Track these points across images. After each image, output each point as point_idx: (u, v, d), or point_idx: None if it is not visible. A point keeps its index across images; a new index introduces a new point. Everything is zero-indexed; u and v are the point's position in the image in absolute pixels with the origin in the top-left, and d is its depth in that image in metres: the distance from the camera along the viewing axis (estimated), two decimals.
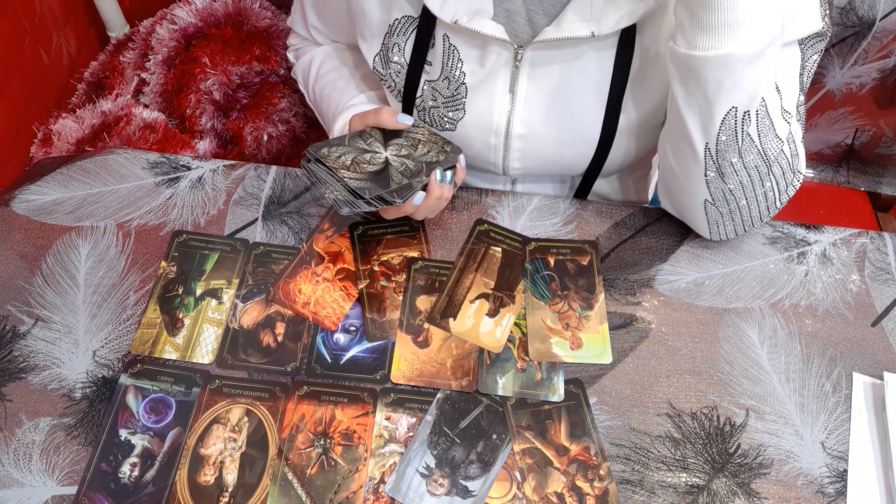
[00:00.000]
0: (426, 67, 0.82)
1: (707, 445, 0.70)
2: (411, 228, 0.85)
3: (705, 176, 0.74)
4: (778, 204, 0.77)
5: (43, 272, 0.80)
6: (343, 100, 0.91)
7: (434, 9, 0.75)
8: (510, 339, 0.76)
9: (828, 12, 0.75)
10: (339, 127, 0.90)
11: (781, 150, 0.73)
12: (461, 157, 0.80)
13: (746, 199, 0.75)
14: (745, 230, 0.81)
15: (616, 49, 0.76)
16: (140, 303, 0.78)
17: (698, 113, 0.70)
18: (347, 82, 0.94)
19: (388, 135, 0.79)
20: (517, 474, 0.68)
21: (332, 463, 0.68)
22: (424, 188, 0.76)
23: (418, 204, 0.76)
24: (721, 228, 0.80)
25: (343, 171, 0.74)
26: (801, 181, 0.77)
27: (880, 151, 1.22)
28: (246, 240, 0.83)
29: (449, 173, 0.78)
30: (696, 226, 0.82)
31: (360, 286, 0.80)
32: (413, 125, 0.81)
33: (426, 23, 0.79)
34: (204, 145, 1.18)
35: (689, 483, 0.68)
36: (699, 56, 0.66)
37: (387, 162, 0.76)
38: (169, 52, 1.20)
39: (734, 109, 0.68)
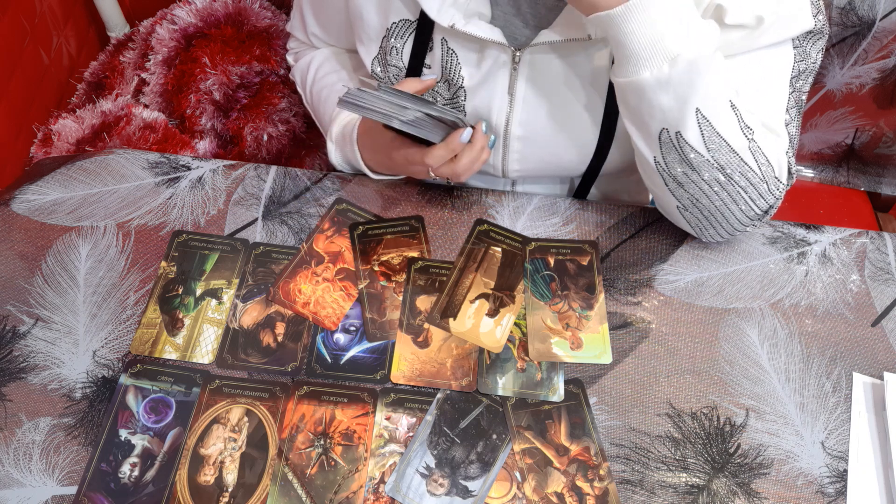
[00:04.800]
0: (425, 71, 0.82)
1: (707, 445, 0.70)
2: (411, 228, 0.85)
3: (667, 185, 0.75)
4: (756, 211, 0.76)
5: (43, 272, 0.80)
6: None
7: (431, 13, 0.75)
8: (510, 339, 0.76)
9: (822, 9, 0.75)
10: (336, 130, 0.90)
11: (742, 162, 0.72)
12: None
13: (715, 206, 0.75)
14: (731, 234, 0.80)
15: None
16: (140, 303, 0.78)
17: (637, 131, 0.73)
18: (346, 84, 0.94)
19: None
20: (517, 474, 0.68)
21: (332, 463, 0.68)
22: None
23: (466, 140, 0.76)
24: (705, 232, 0.80)
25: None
26: (782, 189, 0.76)
27: (880, 151, 1.22)
28: (246, 240, 0.83)
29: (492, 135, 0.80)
30: (684, 228, 0.82)
31: (360, 286, 0.80)
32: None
33: (424, 26, 0.79)
34: (204, 145, 1.18)
35: (689, 483, 0.68)
36: (619, 81, 0.70)
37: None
38: (169, 52, 1.20)
39: (665, 130, 0.70)
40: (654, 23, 0.65)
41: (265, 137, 1.19)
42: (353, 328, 0.77)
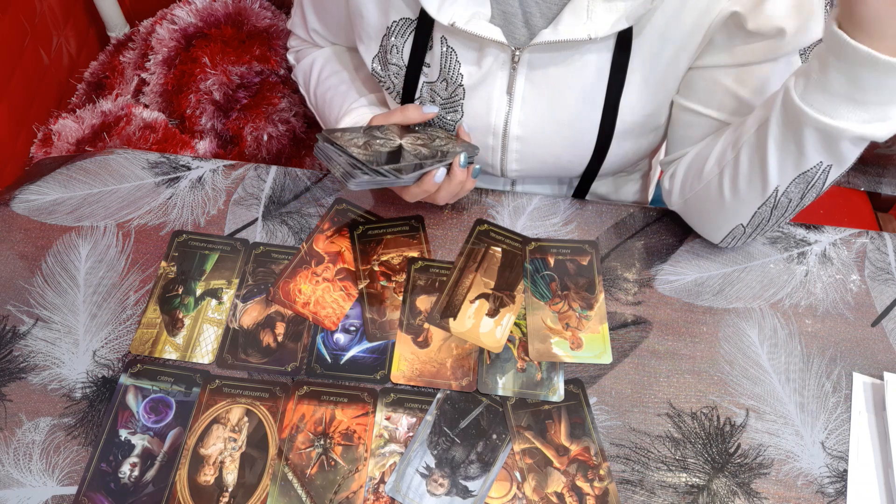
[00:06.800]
0: (424, 69, 0.82)
1: (707, 445, 0.70)
2: (411, 228, 0.85)
3: (759, 209, 0.74)
4: (789, 218, 0.78)
5: (43, 272, 0.80)
6: (345, 104, 0.91)
7: (431, 11, 0.75)
8: (510, 339, 0.76)
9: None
10: None
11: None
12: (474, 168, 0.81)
13: (777, 222, 0.76)
14: (752, 241, 0.82)
15: (613, 52, 0.76)
16: (140, 303, 0.78)
17: (781, 160, 0.69)
18: (349, 86, 0.94)
19: (407, 130, 0.80)
20: (517, 474, 0.68)
21: (332, 463, 0.68)
22: (449, 169, 0.77)
23: (439, 181, 0.76)
24: (736, 242, 0.81)
25: (353, 148, 0.72)
26: None
27: (880, 151, 1.22)
28: (246, 240, 0.83)
29: (473, 164, 0.80)
30: (711, 236, 0.82)
31: (360, 286, 0.80)
32: (431, 129, 0.81)
33: (424, 25, 0.79)
34: (204, 145, 1.18)
35: (689, 483, 0.68)
36: (821, 120, 0.63)
37: (400, 147, 0.76)
38: (169, 52, 1.20)
39: (820, 163, 0.67)
40: None
41: (265, 137, 1.19)
42: (353, 328, 0.77)
